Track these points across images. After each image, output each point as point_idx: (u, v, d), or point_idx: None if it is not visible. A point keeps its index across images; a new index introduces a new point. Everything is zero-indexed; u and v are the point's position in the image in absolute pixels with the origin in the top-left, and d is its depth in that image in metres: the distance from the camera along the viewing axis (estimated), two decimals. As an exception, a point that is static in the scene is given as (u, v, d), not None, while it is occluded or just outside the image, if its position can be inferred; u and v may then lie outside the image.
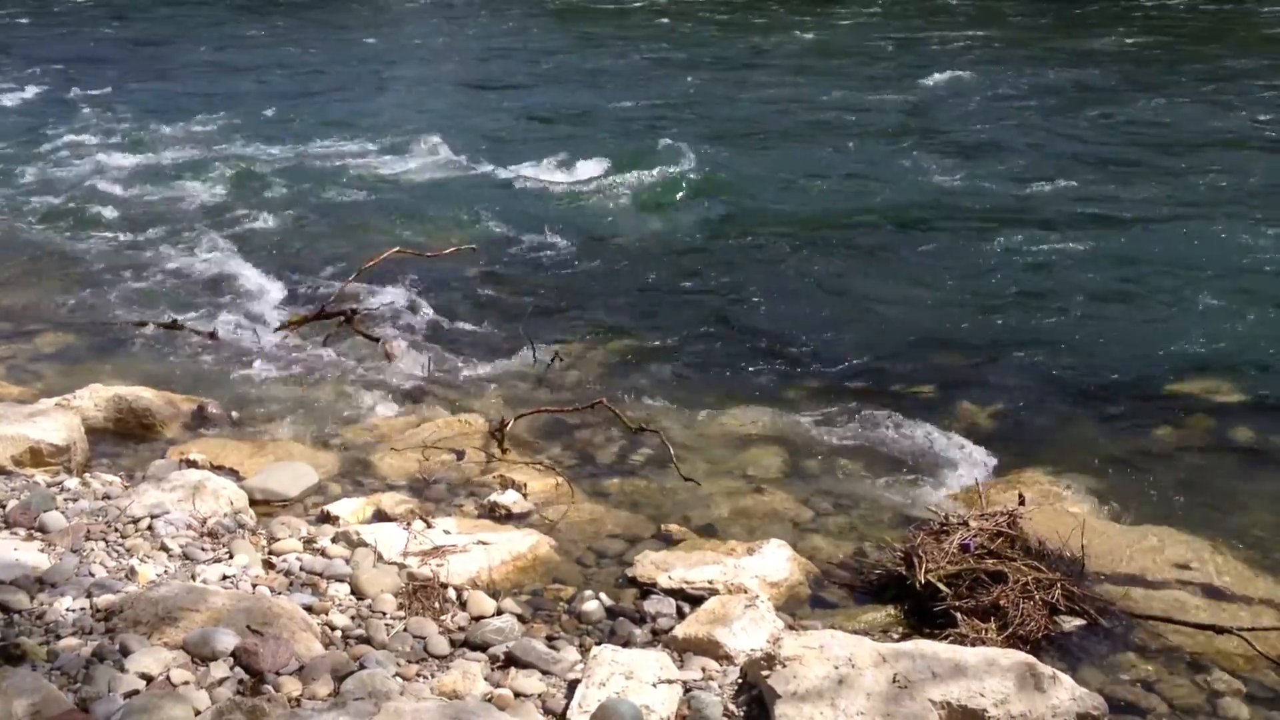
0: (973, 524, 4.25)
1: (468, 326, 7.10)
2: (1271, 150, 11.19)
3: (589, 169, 10.80)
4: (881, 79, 15.92)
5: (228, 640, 3.31)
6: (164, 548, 4.14)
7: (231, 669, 3.24)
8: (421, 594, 3.92)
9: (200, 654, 3.27)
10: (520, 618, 3.87)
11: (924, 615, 3.95)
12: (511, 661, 3.52)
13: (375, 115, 13.89)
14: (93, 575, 3.84)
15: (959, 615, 3.87)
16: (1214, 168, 10.51)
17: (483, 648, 3.63)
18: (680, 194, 10.12)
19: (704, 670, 3.50)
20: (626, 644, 3.67)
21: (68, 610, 3.57)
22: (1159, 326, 6.85)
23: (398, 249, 7.34)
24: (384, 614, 3.81)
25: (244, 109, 14.08)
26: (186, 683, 3.14)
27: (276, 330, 6.82)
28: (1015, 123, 12.83)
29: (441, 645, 3.61)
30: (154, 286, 7.85)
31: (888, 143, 11.95)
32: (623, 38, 21.15)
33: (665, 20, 23.78)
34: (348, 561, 4.15)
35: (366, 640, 3.61)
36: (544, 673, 3.46)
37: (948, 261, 8.15)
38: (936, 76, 15.86)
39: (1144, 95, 14.06)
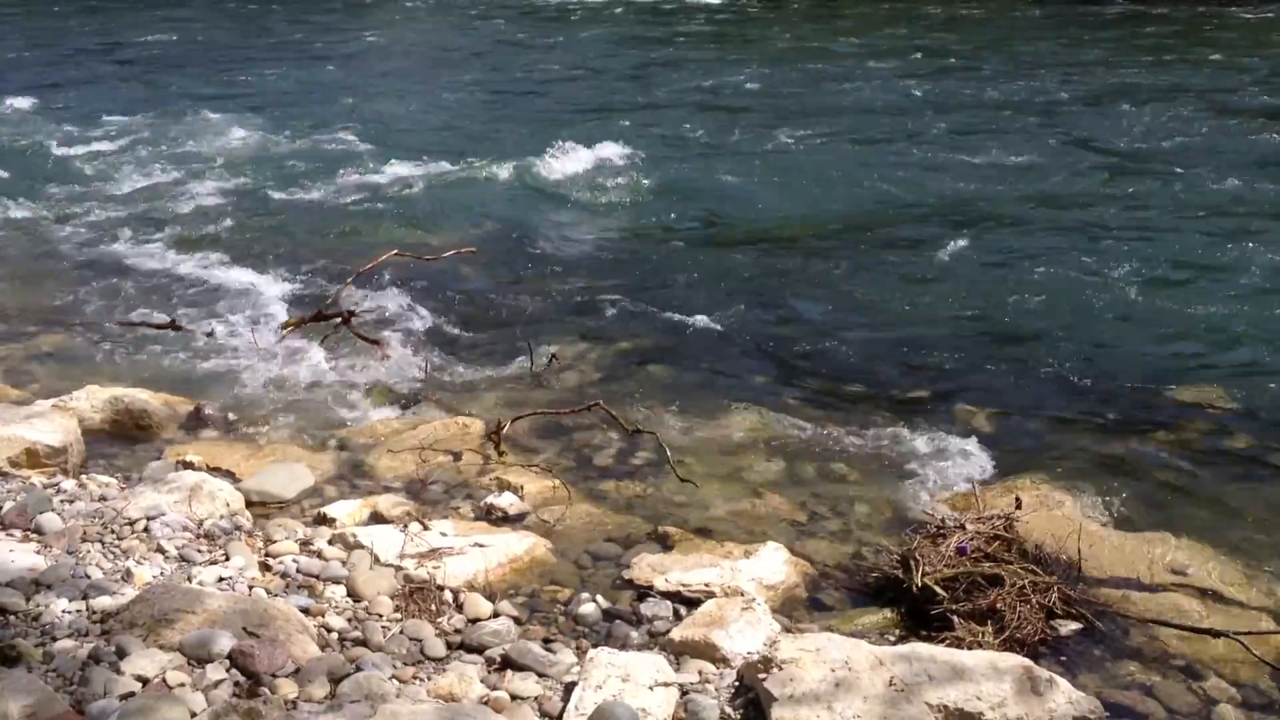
0: (969, 527, 4.25)
1: (465, 329, 7.10)
2: (1272, 155, 11.20)
3: (586, 172, 10.80)
4: (878, 81, 15.93)
5: (224, 642, 3.31)
6: (160, 550, 4.14)
7: (228, 671, 3.23)
8: (418, 596, 3.91)
9: (196, 656, 3.27)
10: (517, 620, 3.87)
11: (921, 618, 3.95)
12: (508, 664, 3.52)
13: (371, 117, 13.89)
14: (89, 577, 3.83)
15: (955, 618, 3.87)
16: (1213, 173, 10.53)
17: (479, 650, 3.63)
18: (678, 197, 10.12)
19: (700, 673, 3.50)
20: (623, 646, 3.67)
21: (64, 612, 3.57)
22: (1156, 332, 6.86)
23: (395, 251, 7.33)
24: (380, 616, 3.81)
25: (240, 110, 14.07)
26: (183, 685, 3.13)
27: (274, 332, 6.81)
28: (1011, 126, 12.85)
29: (438, 648, 3.61)
30: (151, 288, 7.84)
31: (883, 146, 11.97)
32: (617, 41, 21.17)
33: (660, 24, 23.80)
34: (344, 564, 4.15)
35: (363, 642, 3.61)
36: (540, 675, 3.46)
37: (944, 265, 8.16)
38: (934, 79, 15.89)
39: (1142, 99, 14.08)
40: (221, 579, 3.94)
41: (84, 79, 16.60)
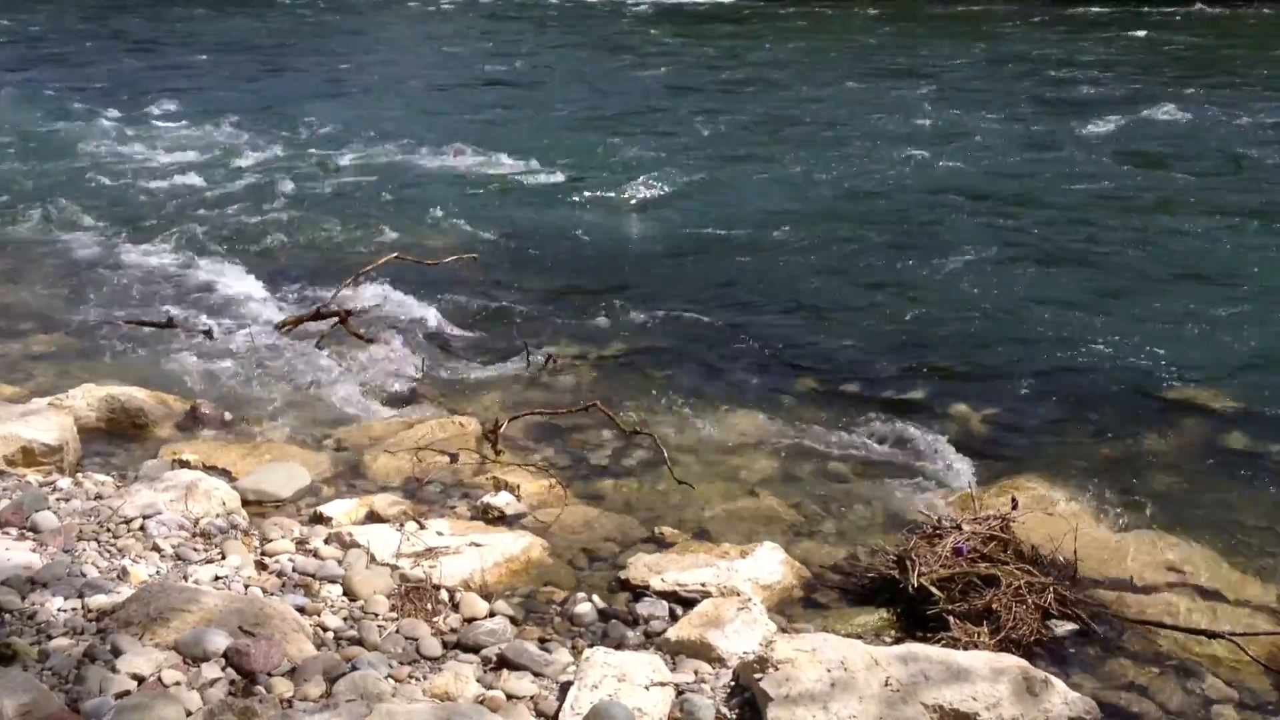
0: (965, 528, 4.25)
1: (462, 328, 7.10)
2: (1270, 157, 11.21)
3: (584, 173, 10.80)
4: (876, 83, 15.94)
5: (219, 641, 3.30)
6: (156, 548, 4.14)
7: (223, 670, 3.23)
8: (414, 595, 3.91)
9: (192, 655, 3.27)
10: (513, 620, 3.87)
11: (916, 619, 3.96)
12: (504, 663, 3.52)
13: (369, 119, 13.88)
14: (85, 575, 3.83)
15: (951, 619, 3.87)
16: (1211, 174, 10.55)
17: (475, 649, 3.63)
18: (675, 198, 10.12)
19: (696, 673, 3.50)
20: (619, 646, 3.66)
21: (59, 610, 3.57)
22: (1153, 333, 6.86)
23: (395, 255, 7.31)
24: (376, 615, 3.80)
25: (239, 111, 14.07)
26: (178, 683, 3.13)
27: (272, 331, 6.80)
28: (1009, 128, 12.86)
29: (434, 647, 3.61)
30: (149, 287, 7.83)
31: (881, 147, 11.96)
32: (616, 43, 21.17)
33: (658, 26, 23.82)
34: (340, 563, 4.15)
35: (359, 642, 3.60)
36: (536, 675, 3.46)
37: (941, 266, 8.16)
38: (933, 80, 15.90)
39: (1140, 99, 14.09)
40: (217, 578, 3.94)
41: (72, 79, 16.56)
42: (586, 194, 10.25)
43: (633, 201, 10.03)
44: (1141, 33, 20.53)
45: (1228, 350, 6.58)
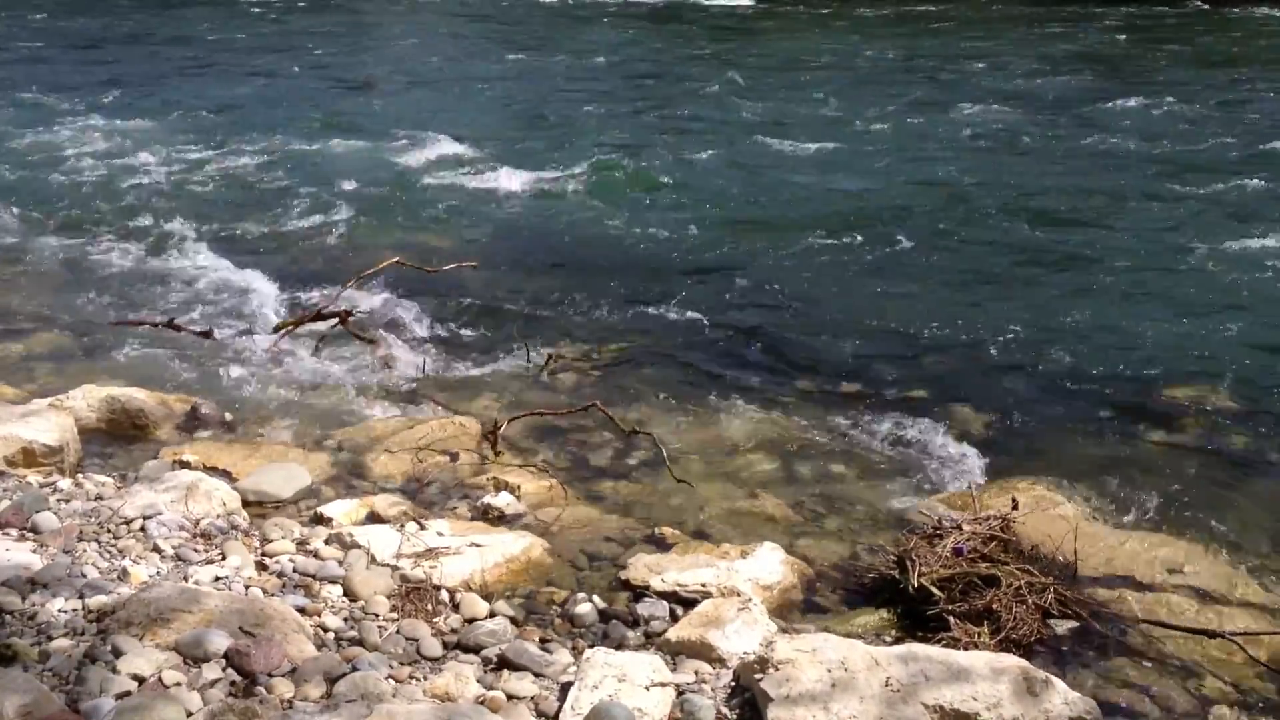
0: (966, 528, 4.25)
1: (462, 329, 7.10)
2: (1267, 158, 11.21)
3: (584, 174, 10.81)
4: (874, 83, 15.95)
5: (220, 642, 3.30)
6: (156, 549, 4.13)
7: (224, 670, 3.23)
8: (414, 596, 3.91)
9: (192, 655, 3.26)
10: (513, 620, 3.87)
11: (917, 619, 3.96)
12: (504, 664, 3.52)
13: (370, 120, 13.89)
14: (85, 576, 3.82)
15: (952, 619, 3.87)
16: (1209, 175, 10.55)
17: (475, 650, 3.63)
18: (675, 199, 10.13)
19: (697, 673, 3.50)
20: (619, 646, 3.66)
21: (60, 611, 3.56)
22: (1153, 333, 6.87)
23: (397, 260, 7.30)
24: (377, 616, 3.80)
25: (240, 111, 14.08)
26: (178, 684, 3.12)
27: (272, 332, 6.80)
28: (1008, 127, 12.86)
29: (434, 647, 3.61)
30: (149, 287, 7.82)
31: (881, 147, 11.97)
32: (618, 43, 21.17)
33: (660, 28, 23.82)
34: (340, 563, 4.15)
35: (359, 642, 3.60)
36: (536, 675, 3.46)
37: (942, 266, 8.17)
38: (930, 81, 15.91)
39: (1139, 100, 14.10)
40: (218, 578, 3.94)
41: (73, 79, 16.55)
42: (586, 196, 10.25)
43: (634, 202, 10.03)
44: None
45: (1228, 350, 6.58)
